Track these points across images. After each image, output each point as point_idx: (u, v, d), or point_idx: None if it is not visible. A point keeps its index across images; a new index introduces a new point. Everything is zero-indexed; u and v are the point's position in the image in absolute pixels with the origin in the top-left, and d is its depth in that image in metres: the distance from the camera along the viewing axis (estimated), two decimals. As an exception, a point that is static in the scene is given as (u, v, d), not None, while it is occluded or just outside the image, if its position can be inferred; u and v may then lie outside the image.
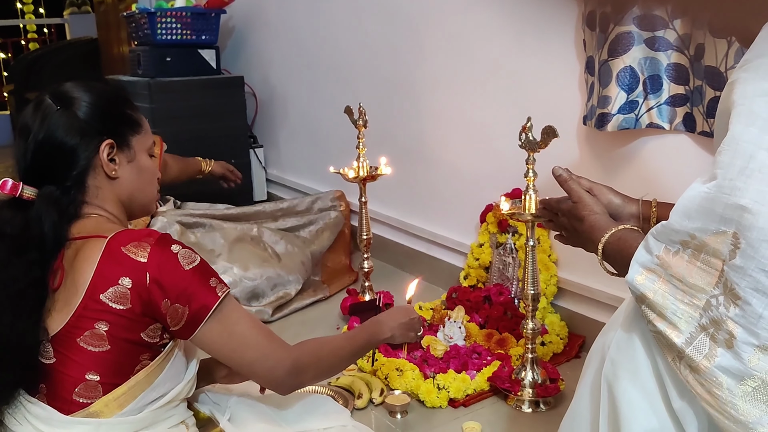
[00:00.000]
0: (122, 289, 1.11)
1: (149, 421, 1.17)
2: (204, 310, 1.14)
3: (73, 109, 1.20)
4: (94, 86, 1.26)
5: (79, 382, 1.12)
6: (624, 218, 1.29)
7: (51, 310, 1.13)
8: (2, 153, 6.51)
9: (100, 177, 1.22)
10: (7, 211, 1.16)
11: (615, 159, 2.00)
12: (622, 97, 1.81)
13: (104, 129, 1.21)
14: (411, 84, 2.77)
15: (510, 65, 2.32)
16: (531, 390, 1.86)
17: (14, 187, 1.15)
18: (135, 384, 1.14)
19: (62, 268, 1.15)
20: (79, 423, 1.12)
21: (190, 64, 3.61)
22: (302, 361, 1.25)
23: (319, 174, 3.48)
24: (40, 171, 1.18)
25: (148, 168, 1.30)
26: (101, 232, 1.16)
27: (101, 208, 1.22)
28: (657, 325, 0.93)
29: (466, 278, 2.51)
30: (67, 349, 1.12)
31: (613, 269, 1.15)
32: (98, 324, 1.11)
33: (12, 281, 1.11)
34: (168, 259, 1.13)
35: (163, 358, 1.18)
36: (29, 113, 1.20)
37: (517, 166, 1.90)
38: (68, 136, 1.18)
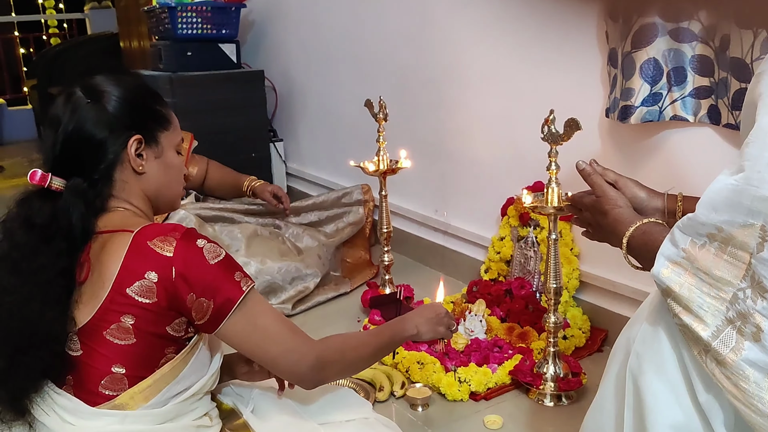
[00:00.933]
0: (148, 283, 1.11)
1: (174, 414, 1.17)
2: (229, 304, 1.14)
3: (103, 103, 1.20)
4: (125, 81, 1.25)
5: (105, 375, 1.12)
6: (649, 212, 1.28)
7: (78, 302, 1.13)
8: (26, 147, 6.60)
9: (127, 171, 1.22)
10: (36, 200, 1.17)
11: (638, 152, 1.99)
12: (646, 89, 1.80)
13: (133, 124, 1.22)
14: (431, 77, 2.77)
15: (532, 57, 2.31)
16: (553, 384, 1.86)
17: (43, 177, 1.16)
18: (160, 377, 1.15)
19: (88, 261, 1.15)
20: (105, 415, 1.12)
21: (211, 59, 3.63)
22: (326, 356, 1.24)
23: (339, 168, 3.49)
24: (69, 163, 1.18)
25: (175, 164, 1.30)
26: (127, 226, 1.17)
27: (127, 201, 1.23)
28: (683, 319, 0.93)
29: (487, 272, 2.50)
30: (93, 342, 1.13)
31: (637, 263, 1.14)
32: (124, 317, 1.11)
33: (41, 270, 1.11)
34: (194, 254, 1.13)
35: (187, 352, 1.18)
36: (60, 105, 1.20)
37: (538, 159, 1.89)
38: (97, 129, 1.18)
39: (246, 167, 3.18)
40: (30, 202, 1.17)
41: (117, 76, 1.26)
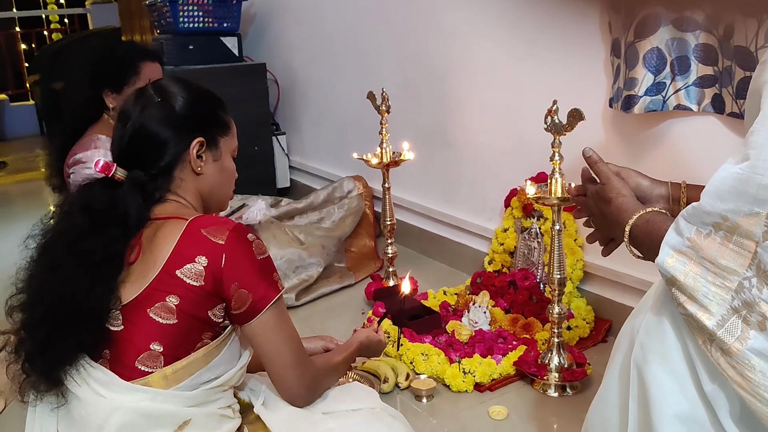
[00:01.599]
0: (198, 267, 1.17)
1: (200, 400, 1.21)
2: (265, 300, 1.21)
3: (171, 103, 1.28)
4: (193, 85, 1.34)
5: (143, 351, 1.17)
6: (653, 200, 1.27)
7: (125, 281, 1.19)
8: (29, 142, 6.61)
9: (186, 170, 1.29)
10: (98, 188, 1.24)
11: (642, 141, 1.98)
12: (649, 79, 1.79)
13: (197, 127, 1.30)
14: (434, 68, 2.76)
15: (535, 48, 2.30)
16: (557, 374, 1.86)
17: (107, 166, 1.22)
18: (194, 360, 1.19)
19: (140, 244, 1.22)
20: (138, 390, 1.16)
21: (213, 52, 3.62)
22: (320, 378, 1.34)
23: (341, 160, 3.49)
24: (133, 156, 1.26)
25: (230, 168, 1.38)
26: (181, 215, 1.24)
27: (182, 197, 1.30)
28: (687, 308, 0.92)
29: (491, 263, 2.50)
30: (136, 318, 1.17)
31: (639, 253, 1.13)
32: (170, 297, 1.17)
33: (93, 251, 1.17)
34: (243, 245, 1.20)
35: (222, 340, 1.23)
36: (131, 101, 1.29)
37: (541, 150, 1.88)
38: (163, 128, 1.26)
39: (249, 161, 3.18)
40: (92, 189, 1.25)
41: (186, 80, 1.35)
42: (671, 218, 1.02)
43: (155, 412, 1.16)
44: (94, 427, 1.15)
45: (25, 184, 5.06)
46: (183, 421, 1.18)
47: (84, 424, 1.16)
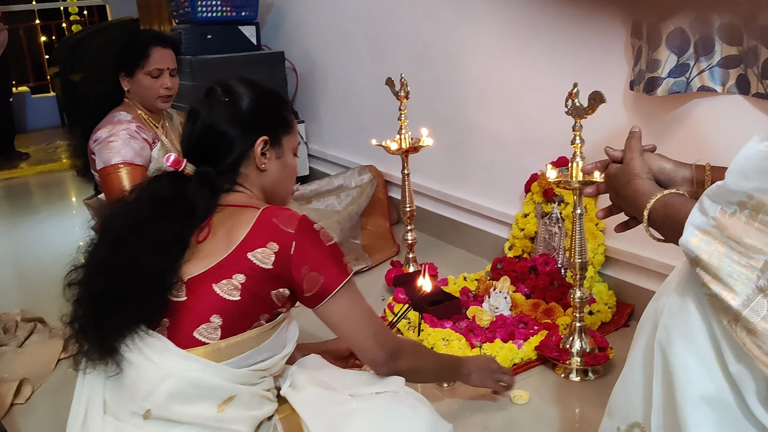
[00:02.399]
0: (269, 252, 1.25)
1: (245, 379, 1.26)
2: (335, 282, 1.28)
3: (239, 103, 1.34)
4: (258, 85, 1.40)
5: (203, 321, 1.22)
6: (677, 183, 1.25)
7: (193, 258, 1.26)
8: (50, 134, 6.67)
9: (251, 167, 1.36)
10: (167, 180, 1.32)
11: (664, 124, 1.96)
12: (673, 60, 1.77)
13: (262, 126, 1.36)
14: (452, 53, 2.75)
15: (554, 31, 2.28)
16: (579, 359, 1.85)
17: (177, 161, 1.30)
18: (248, 338, 1.25)
19: (210, 226, 1.29)
20: (191, 359, 1.21)
21: (231, 41, 3.63)
22: (403, 348, 1.39)
23: (360, 147, 3.49)
24: (201, 152, 1.34)
25: (292, 166, 1.44)
26: (253, 204, 1.32)
27: (248, 189, 1.37)
28: (712, 288, 0.91)
29: (511, 249, 2.50)
30: (200, 290, 1.23)
31: (659, 235, 1.12)
32: (237, 275, 1.24)
33: (160, 234, 1.25)
34: (312, 233, 1.28)
35: (274, 325, 1.29)
36: (200, 99, 1.36)
37: (561, 135, 1.87)
38: (231, 127, 1.33)
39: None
40: (161, 180, 1.33)
41: (251, 79, 1.41)
42: (690, 199, 1.01)
43: (205, 383, 1.21)
44: (144, 394, 1.19)
45: (47, 175, 5.11)
46: (228, 397, 1.23)
47: (134, 390, 1.20)
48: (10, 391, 1.91)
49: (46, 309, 2.41)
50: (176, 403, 1.19)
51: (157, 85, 2.28)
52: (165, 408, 1.19)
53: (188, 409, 1.20)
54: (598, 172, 1.43)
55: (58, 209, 4.15)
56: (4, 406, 1.87)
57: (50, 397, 1.95)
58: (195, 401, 1.20)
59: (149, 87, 2.27)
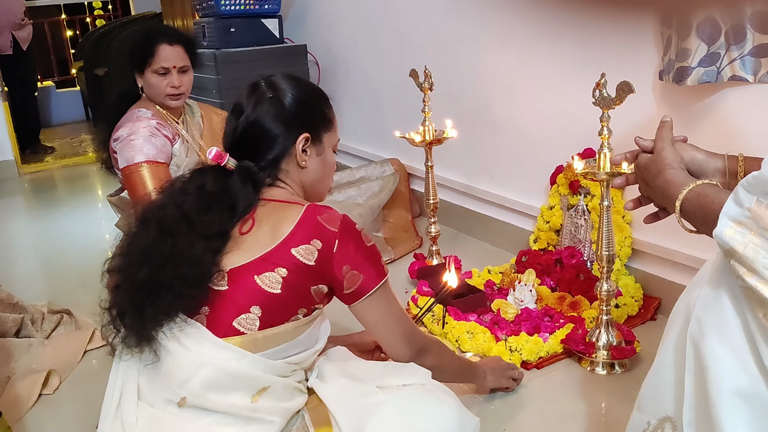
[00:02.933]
0: (312, 248, 1.27)
1: (279, 371, 1.27)
2: (374, 282, 1.32)
3: (283, 100, 1.35)
4: (301, 82, 1.41)
5: (243, 311, 1.24)
6: (709, 173, 1.23)
7: (236, 249, 1.28)
8: (75, 128, 6.74)
9: (292, 164, 1.38)
10: (209, 174, 1.34)
11: (695, 114, 1.93)
12: (703, 50, 1.74)
13: (304, 123, 1.37)
14: (475, 44, 2.73)
15: (581, 20, 2.25)
16: (606, 352, 1.83)
17: (220, 155, 1.31)
18: (284, 331, 1.27)
19: (254, 219, 1.31)
20: (228, 349, 1.22)
21: (254, 34, 3.64)
22: (429, 346, 1.44)
23: (382, 140, 3.48)
24: (244, 147, 1.35)
25: (331, 162, 1.46)
26: (297, 201, 1.34)
27: (289, 186, 1.38)
28: (747, 280, 0.89)
29: (536, 241, 2.48)
30: (242, 281, 1.25)
31: (692, 227, 1.10)
32: (279, 269, 1.26)
33: (208, 225, 1.27)
34: (354, 233, 1.32)
35: (310, 320, 1.31)
36: (245, 95, 1.37)
37: (587, 126, 1.85)
38: (274, 124, 1.34)
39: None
40: (205, 174, 1.34)
41: (295, 76, 1.42)
42: (723, 190, 0.99)
43: (240, 373, 1.22)
44: (179, 382, 1.20)
45: (72, 169, 5.17)
46: (262, 387, 1.24)
47: (170, 378, 1.22)
48: (38, 382, 1.94)
49: (72, 301, 2.43)
50: (211, 391, 1.20)
51: (164, 83, 2.23)
52: (200, 396, 1.20)
53: (223, 398, 1.21)
54: (626, 163, 1.41)
55: (83, 203, 4.20)
56: (32, 397, 1.90)
57: (77, 388, 1.97)
58: (230, 391, 1.22)
59: (156, 85, 2.23)
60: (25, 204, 4.47)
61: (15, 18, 5.51)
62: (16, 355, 2.09)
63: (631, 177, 1.33)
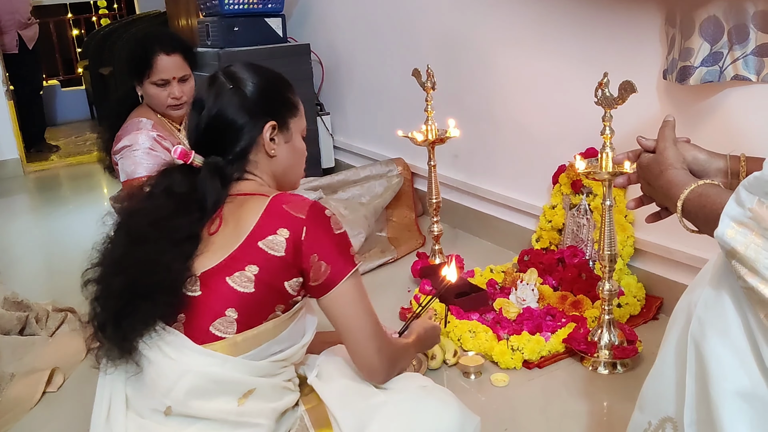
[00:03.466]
0: (280, 238, 1.22)
1: (266, 372, 1.24)
2: (342, 273, 1.24)
3: (244, 90, 1.31)
4: (262, 70, 1.36)
5: (218, 315, 1.20)
6: (711, 173, 1.23)
7: (205, 252, 1.24)
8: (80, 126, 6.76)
9: (260, 154, 1.33)
10: (178, 174, 1.29)
11: (697, 114, 1.92)
12: (706, 49, 1.73)
13: (269, 111, 1.33)
14: (479, 43, 2.73)
15: (584, 19, 2.24)
16: (608, 351, 1.83)
17: (185, 153, 1.28)
18: (264, 331, 1.23)
19: (221, 217, 1.27)
20: (208, 355, 1.19)
21: (258, 34, 3.64)
22: (398, 354, 1.35)
23: (386, 139, 3.48)
24: (209, 142, 1.31)
25: (301, 149, 1.41)
26: (263, 192, 1.29)
27: (259, 177, 1.34)
28: (748, 281, 0.89)
29: (539, 241, 2.47)
30: (214, 285, 1.21)
31: (694, 227, 1.10)
32: (249, 267, 1.21)
33: (177, 230, 1.23)
34: (323, 220, 1.25)
35: (291, 315, 1.27)
36: (204, 88, 1.33)
37: (590, 125, 1.85)
38: (238, 114, 1.30)
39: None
40: (172, 174, 1.30)
41: (254, 64, 1.37)
42: (725, 190, 0.99)
43: (224, 378, 1.19)
44: (163, 390, 1.19)
45: (77, 168, 5.18)
46: (248, 390, 1.22)
47: (154, 387, 1.20)
48: (42, 380, 1.94)
49: (76, 299, 2.41)
50: (196, 398, 1.19)
51: (164, 94, 2.19)
52: (185, 404, 1.18)
53: (208, 404, 1.19)
54: (628, 162, 1.41)
55: (88, 201, 4.21)
56: (36, 394, 1.90)
57: (81, 385, 1.97)
58: (215, 396, 1.20)
59: (156, 96, 2.19)
60: (30, 202, 4.49)
61: (21, 17, 5.54)
62: (20, 352, 2.10)
63: (633, 176, 1.33)
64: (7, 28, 5.40)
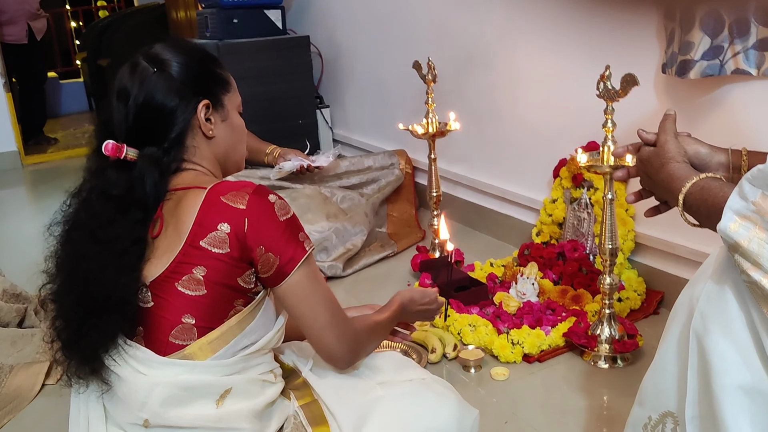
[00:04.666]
0: (221, 234, 1.14)
1: (240, 367, 1.20)
2: (292, 262, 1.17)
3: (169, 71, 1.22)
4: (184, 47, 1.28)
5: (175, 325, 1.15)
6: (712, 168, 1.22)
7: (151, 257, 1.17)
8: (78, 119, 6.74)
9: (198, 137, 1.25)
10: (111, 172, 1.20)
11: (697, 108, 1.92)
12: (706, 43, 1.73)
13: (199, 89, 1.24)
14: (480, 36, 2.72)
15: (583, 13, 2.24)
16: (608, 346, 1.83)
17: (117, 148, 1.18)
18: (228, 329, 1.18)
19: (161, 217, 1.19)
20: (175, 364, 1.15)
21: (257, 25, 3.62)
22: (360, 339, 1.28)
23: (386, 132, 3.47)
24: (141, 133, 1.21)
25: (239, 126, 1.33)
26: (200, 184, 1.20)
27: (198, 164, 1.26)
28: (752, 275, 0.89)
29: (539, 234, 2.47)
30: (165, 293, 1.16)
31: (694, 221, 1.10)
32: (196, 269, 1.14)
33: (117, 239, 1.15)
34: (265, 208, 1.16)
35: (255, 306, 1.21)
36: (126, 77, 1.23)
37: (590, 119, 1.84)
38: (167, 98, 1.21)
39: (292, 134, 3.18)
40: (105, 174, 1.20)
41: (175, 43, 1.27)
42: (727, 183, 0.98)
43: (195, 384, 1.15)
44: (138, 405, 1.15)
45: (75, 160, 5.16)
46: (224, 390, 1.17)
47: (128, 401, 1.16)
48: (41, 372, 1.94)
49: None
50: (172, 408, 1.14)
51: None
52: (162, 416, 1.14)
53: (186, 411, 1.15)
54: (630, 155, 1.40)
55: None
56: (36, 387, 1.90)
57: (80, 378, 1.97)
58: (190, 403, 1.15)
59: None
60: (28, 195, 4.48)
61: (31, 8, 5.52)
62: (20, 345, 2.10)
63: (632, 170, 1.33)
64: (17, 18, 5.38)
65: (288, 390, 1.30)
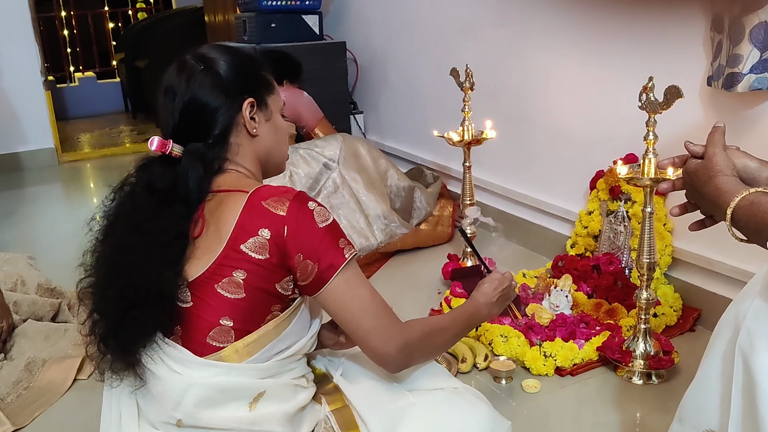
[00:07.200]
0: (261, 240, 1.15)
1: (274, 371, 1.20)
2: (331, 269, 1.16)
3: (216, 69, 1.24)
4: (230, 48, 1.31)
5: (213, 326, 1.16)
6: (762, 183, 1.18)
7: (191, 257, 1.18)
8: (114, 118, 6.84)
9: (242, 135, 1.26)
10: (157, 167, 1.22)
11: (743, 122, 1.88)
12: (755, 56, 1.69)
13: (245, 88, 1.26)
14: (517, 44, 2.70)
15: (625, 23, 2.21)
16: (643, 361, 1.80)
17: (162, 144, 1.20)
18: (264, 333, 1.18)
19: (203, 218, 1.20)
20: (212, 365, 1.15)
21: (294, 30, 3.64)
22: (413, 341, 1.23)
23: (419, 139, 3.46)
24: (187, 129, 1.23)
25: (283, 126, 1.35)
26: (242, 187, 1.21)
27: (241, 165, 1.27)
28: (803, 293, 0.86)
29: (573, 247, 2.44)
30: (204, 294, 1.16)
31: (742, 236, 1.07)
32: (236, 272, 1.15)
33: (162, 231, 1.16)
34: (305, 215, 1.16)
35: (291, 311, 1.21)
36: (173, 74, 1.25)
37: (630, 131, 1.81)
38: (213, 95, 1.23)
39: (327, 139, 3.17)
40: (151, 168, 1.22)
41: (221, 44, 1.32)
42: None
43: (230, 386, 1.16)
44: (172, 404, 1.16)
45: (110, 159, 5.23)
46: (258, 393, 1.18)
47: (162, 400, 1.17)
48: (73, 367, 1.96)
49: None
50: (205, 409, 1.15)
51: None
52: (195, 416, 1.15)
53: (219, 413, 1.16)
54: (672, 168, 1.38)
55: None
56: (68, 381, 1.92)
57: (111, 374, 1.98)
58: (224, 404, 1.16)
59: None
60: (64, 191, 4.55)
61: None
62: (53, 339, 2.12)
63: (677, 183, 1.30)
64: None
65: (319, 395, 1.30)
